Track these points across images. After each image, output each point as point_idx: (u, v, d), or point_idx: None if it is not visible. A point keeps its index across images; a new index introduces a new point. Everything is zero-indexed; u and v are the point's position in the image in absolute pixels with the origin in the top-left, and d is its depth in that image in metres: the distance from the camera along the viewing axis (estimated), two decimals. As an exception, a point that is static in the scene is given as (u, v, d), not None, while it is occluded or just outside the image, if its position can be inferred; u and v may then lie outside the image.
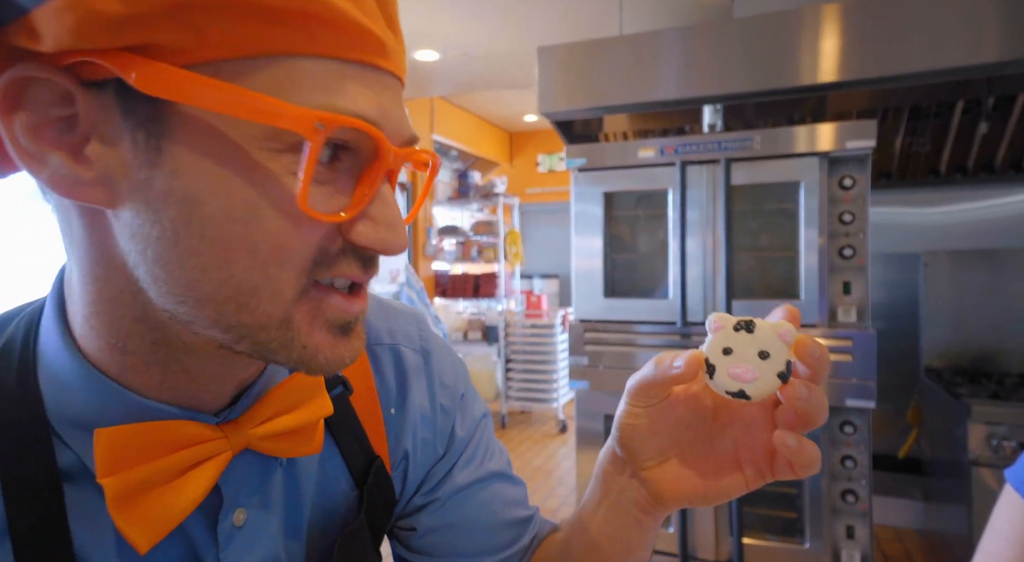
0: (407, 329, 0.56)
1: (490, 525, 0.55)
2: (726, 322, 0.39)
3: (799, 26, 1.78)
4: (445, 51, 3.32)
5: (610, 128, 2.47)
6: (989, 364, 2.50)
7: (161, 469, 0.35)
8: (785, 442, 0.38)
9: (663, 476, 0.44)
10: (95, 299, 0.35)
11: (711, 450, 0.44)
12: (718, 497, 0.43)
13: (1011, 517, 0.67)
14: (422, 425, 0.54)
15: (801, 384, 0.38)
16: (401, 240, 0.35)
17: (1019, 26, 1.58)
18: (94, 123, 0.30)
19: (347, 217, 0.33)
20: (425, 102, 4.79)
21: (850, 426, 1.78)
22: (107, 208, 0.32)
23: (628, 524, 0.47)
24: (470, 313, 5.40)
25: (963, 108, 2.11)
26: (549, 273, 6.38)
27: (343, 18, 0.30)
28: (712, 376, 0.39)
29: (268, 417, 0.40)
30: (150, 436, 0.35)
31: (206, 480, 0.37)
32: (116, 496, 0.34)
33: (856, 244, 1.77)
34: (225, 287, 0.31)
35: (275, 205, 0.31)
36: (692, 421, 0.44)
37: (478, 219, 5.33)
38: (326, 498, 0.48)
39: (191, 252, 0.31)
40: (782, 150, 1.80)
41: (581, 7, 2.75)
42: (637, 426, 0.43)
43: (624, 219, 2.11)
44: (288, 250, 0.32)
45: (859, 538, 1.79)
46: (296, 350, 0.34)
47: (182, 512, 0.36)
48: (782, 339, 0.38)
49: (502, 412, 4.83)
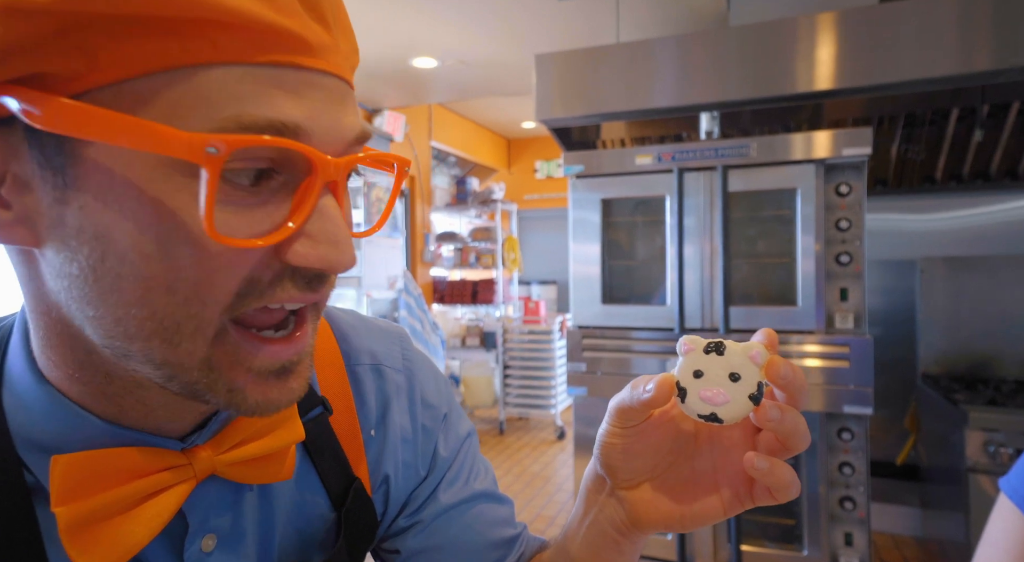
0: (390, 348, 0.54)
1: (475, 546, 0.54)
2: (696, 344, 0.39)
3: (795, 34, 1.80)
4: (443, 59, 3.34)
5: (607, 135, 2.48)
6: (986, 370, 2.50)
7: (119, 498, 0.34)
8: (755, 464, 0.37)
9: (640, 497, 0.43)
10: (45, 334, 0.34)
11: (690, 474, 0.43)
12: (695, 521, 0.42)
13: (1005, 526, 0.67)
14: (403, 447, 0.53)
15: (774, 406, 0.37)
16: (344, 257, 0.32)
17: (1012, 35, 1.59)
18: (6, 162, 0.29)
19: (270, 242, 0.30)
20: (423, 109, 4.81)
21: (848, 433, 1.78)
22: (33, 247, 0.31)
23: (606, 545, 0.46)
24: (468, 319, 5.40)
25: (958, 116, 2.12)
26: (547, 279, 6.39)
27: (247, 19, 0.28)
28: (684, 400, 0.38)
29: (236, 443, 0.39)
30: (109, 463, 0.34)
31: (168, 508, 0.35)
32: (69, 525, 0.32)
33: (852, 251, 1.78)
34: (148, 323, 0.30)
35: (188, 239, 0.29)
36: (672, 444, 0.43)
37: (476, 225, 5.33)
38: (303, 521, 0.47)
39: (110, 289, 0.29)
40: (779, 157, 1.81)
41: (578, 15, 2.76)
42: (617, 446, 0.42)
43: (622, 226, 2.12)
44: (210, 285, 0.30)
45: (857, 545, 1.79)
46: (222, 393, 0.32)
47: (140, 542, 0.34)
48: (753, 361, 0.37)
49: (500, 418, 4.82)
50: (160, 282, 0.29)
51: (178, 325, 0.30)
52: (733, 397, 0.37)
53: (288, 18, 0.29)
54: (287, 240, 0.31)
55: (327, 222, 0.32)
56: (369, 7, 2.69)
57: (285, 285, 0.32)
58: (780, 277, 1.88)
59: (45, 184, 0.29)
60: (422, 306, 4.14)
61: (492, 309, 5.07)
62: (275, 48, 0.29)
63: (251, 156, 0.29)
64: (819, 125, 2.24)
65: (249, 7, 0.28)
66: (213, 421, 0.39)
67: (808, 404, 1.77)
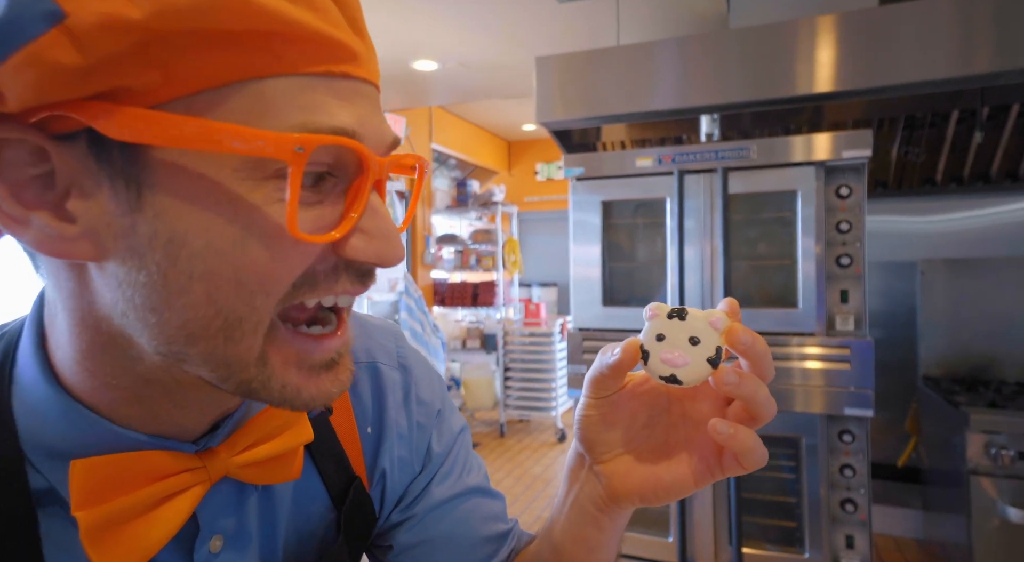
0: (385, 345, 0.55)
1: (468, 540, 0.54)
2: (661, 311, 0.40)
3: (795, 37, 1.80)
4: (443, 61, 3.34)
5: (608, 137, 2.48)
6: (986, 372, 2.50)
7: (137, 501, 0.35)
8: (717, 429, 0.38)
9: (616, 469, 0.44)
10: (87, 347, 0.35)
11: (663, 445, 0.44)
12: (668, 491, 0.43)
13: None
14: (399, 443, 0.54)
15: (731, 370, 0.38)
16: (398, 250, 0.34)
17: (1011, 37, 1.59)
18: (71, 176, 0.30)
19: (339, 235, 0.32)
20: (424, 111, 4.81)
21: (848, 435, 1.78)
22: (93, 261, 0.31)
23: (586, 523, 0.47)
24: (469, 321, 5.40)
25: (958, 118, 2.12)
26: (547, 281, 6.39)
27: (305, 31, 0.30)
28: (646, 362, 0.40)
29: (248, 445, 0.40)
30: (127, 467, 0.35)
31: (183, 510, 0.36)
32: (90, 529, 0.33)
33: (853, 253, 1.78)
34: (215, 321, 0.31)
35: (262, 235, 0.30)
36: (646, 416, 0.44)
37: (477, 228, 5.34)
38: (303, 520, 0.48)
39: (179, 291, 0.31)
40: (779, 159, 1.81)
41: (578, 18, 2.77)
42: (593, 417, 0.44)
43: (622, 228, 2.12)
44: (276, 278, 0.32)
45: (859, 547, 1.78)
46: (275, 389, 0.34)
47: (158, 543, 0.35)
48: (713, 326, 0.38)
49: (501, 420, 4.81)
50: (230, 277, 0.31)
51: (240, 320, 0.32)
52: (692, 360, 0.38)
53: (337, 29, 0.31)
54: (344, 237, 0.33)
55: (378, 218, 0.34)
56: (370, 10, 2.70)
57: (341, 279, 0.34)
58: (780, 279, 1.88)
59: (116, 194, 0.30)
60: (423, 308, 4.14)
61: (493, 311, 5.07)
62: (330, 59, 0.31)
63: (318, 159, 0.31)
64: (819, 127, 2.24)
65: (305, 18, 0.30)
66: (225, 424, 0.40)
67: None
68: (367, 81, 0.34)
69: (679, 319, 0.39)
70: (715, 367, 0.38)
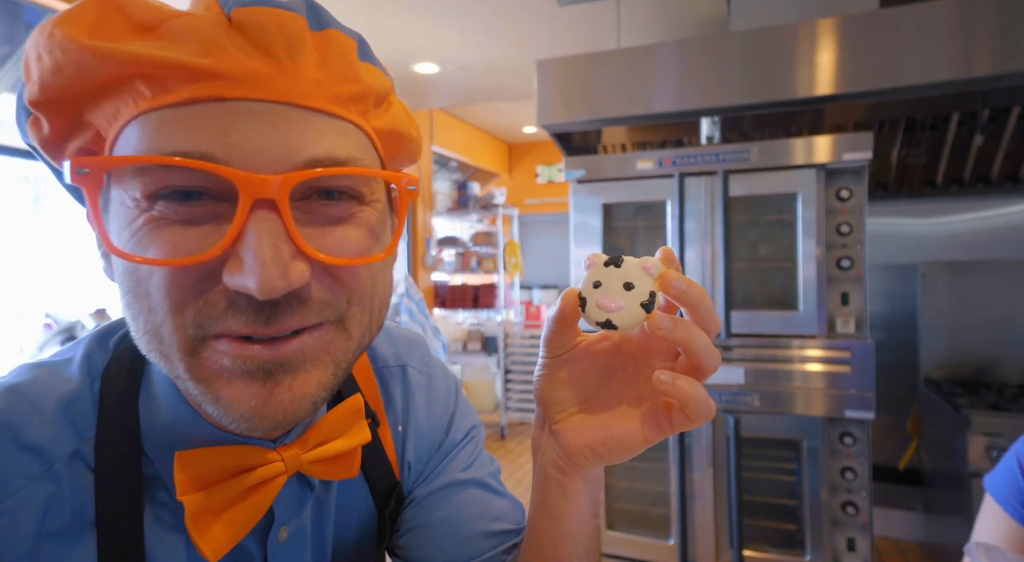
0: (412, 351, 0.60)
1: (461, 530, 0.55)
2: (599, 259, 0.41)
3: (795, 39, 1.80)
4: (444, 64, 3.35)
5: (608, 140, 2.48)
6: (988, 374, 2.50)
7: (232, 489, 0.39)
8: (659, 378, 0.38)
9: (568, 427, 0.44)
10: None
11: (615, 402, 0.44)
12: (619, 445, 0.43)
13: (990, 524, 0.68)
14: (420, 442, 0.58)
15: (664, 316, 0.38)
16: (268, 281, 0.31)
17: (1012, 40, 1.59)
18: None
19: (208, 257, 0.32)
20: (424, 114, 4.82)
21: (850, 437, 1.78)
22: None
23: (551, 489, 0.47)
24: (469, 324, 5.39)
25: (958, 120, 2.13)
26: (548, 284, 6.38)
27: (161, 65, 0.32)
28: (584, 309, 0.40)
29: (318, 443, 0.44)
30: (222, 459, 0.39)
31: (267, 500, 0.40)
32: (194, 512, 0.37)
33: (854, 255, 1.78)
34: (152, 339, 0.35)
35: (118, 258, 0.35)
36: (600, 374, 0.45)
37: (477, 230, 5.34)
38: (346, 519, 0.52)
39: (125, 304, 0.35)
40: (779, 162, 1.81)
41: (579, 20, 2.77)
42: (547, 377, 0.44)
43: (623, 230, 2.12)
44: (167, 298, 0.33)
45: (860, 550, 1.78)
46: (210, 403, 0.35)
47: (246, 527, 0.40)
48: (647, 272, 0.39)
49: (501, 423, 4.81)
50: (142, 295, 0.34)
51: (161, 339, 0.34)
52: (627, 304, 0.39)
53: (203, 57, 0.32)
54: (224, 263, 0.32)
55: (254, 243, 0.32)
56: (371, 13, 2.70)
57: (234, 314, 0.33)
58: (781, 281, 1.88)
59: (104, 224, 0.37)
60: (423, 311, 4.14)
61: (493, 313, 5.07)
62: (191, 86, 0.32)
63: (169, 182, 0.33)
64: (820, 130, 2.24)
65: (158, 54, 0.32)
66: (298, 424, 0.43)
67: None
68: (263, 101, 0.33)
69: (615, 266, 0.40)
70: (648, 312, 0.38)
